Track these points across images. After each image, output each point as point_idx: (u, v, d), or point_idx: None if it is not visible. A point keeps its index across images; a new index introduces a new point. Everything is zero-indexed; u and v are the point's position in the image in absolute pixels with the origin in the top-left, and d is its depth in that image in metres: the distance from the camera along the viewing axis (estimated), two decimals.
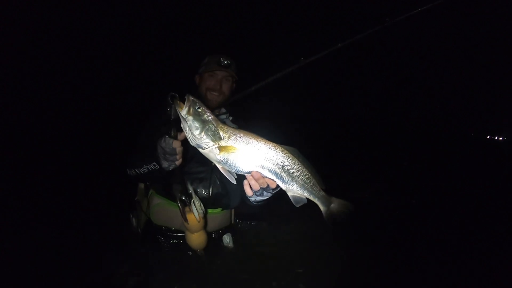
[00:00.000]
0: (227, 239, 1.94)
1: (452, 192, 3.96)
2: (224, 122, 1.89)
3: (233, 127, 1.95)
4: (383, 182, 4.24)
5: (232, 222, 2.10)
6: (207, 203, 1.79)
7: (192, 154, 1.66)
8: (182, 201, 1.55)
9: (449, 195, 3.87)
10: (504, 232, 2.91)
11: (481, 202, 3.72)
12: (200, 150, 1.11)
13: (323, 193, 1.22)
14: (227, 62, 1.92)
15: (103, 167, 3.69)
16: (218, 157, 1.09)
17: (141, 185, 2.02)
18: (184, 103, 1.11)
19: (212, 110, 1.84)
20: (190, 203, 1.57)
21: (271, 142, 1.12)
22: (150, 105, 2.04)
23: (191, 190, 1.70)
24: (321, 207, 1.24)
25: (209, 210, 1.84)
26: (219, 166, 1.11)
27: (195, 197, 1.60)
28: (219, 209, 1.89)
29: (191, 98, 1.12)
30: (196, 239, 1.64)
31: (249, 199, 1.42)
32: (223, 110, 2.00)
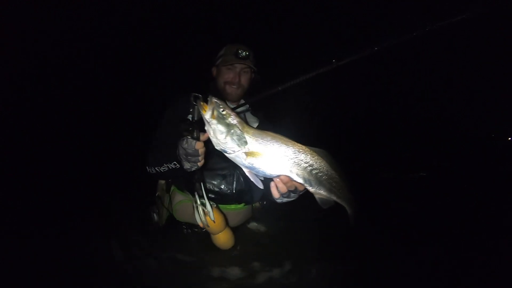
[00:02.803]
0: (254, 224, 1.99)
1: (474, 194, 3.86)
2: (244, 115, 1.88)
3: (255, 121, 1.93)
4: (410, 182, 4.17)
5: (257, 205, 2.11)
6: (230, 199, 1.80)
7: (214, 149, 1.63)
8: (202, 204, 1.55)
9: (473, 197, 3.77)
10: None
11: (504, 203, 3.60)
12: (226, 154, 1.08)
13: (351, 196, 1.19)
14: (246, 53, 1.83)
15: (122, 162, 3.71)
16: (245, 162, 1.06)
17: (162, 181, 2.03)
18: (207, 104, 1.08)
19: (232, 103, 1.83)
20: (205, 206, 1.56)
21: (299, 144, 1.08)
22: (166, 101, 2.00)
23: (206, 190, 1.69)
24: (349, 210, 1.21)
25: (232, 206, 1.85)
26: (245, 171, 1.08)
27: (207, 199, 1.58)
28: (242, 204, 1.89)
29: (214, 100, 1.07)
30: (219, 239, 1.64)
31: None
32: (242, 101, 1.95)
